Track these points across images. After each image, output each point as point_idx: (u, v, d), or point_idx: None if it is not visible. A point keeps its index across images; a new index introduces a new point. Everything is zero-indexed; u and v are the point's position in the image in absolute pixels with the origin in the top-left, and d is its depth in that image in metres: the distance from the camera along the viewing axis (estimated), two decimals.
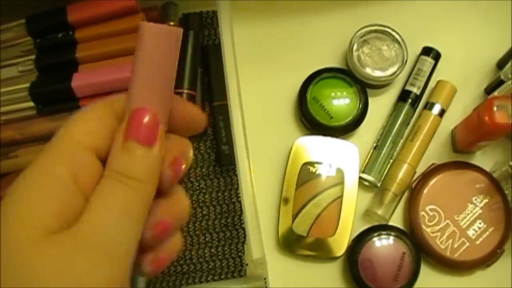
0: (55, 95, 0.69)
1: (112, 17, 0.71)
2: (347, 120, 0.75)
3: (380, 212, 0.72)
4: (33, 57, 0.71)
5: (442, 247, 0.71)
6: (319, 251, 0.72)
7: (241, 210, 0.73)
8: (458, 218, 0.72)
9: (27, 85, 0.69)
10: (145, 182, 0.32)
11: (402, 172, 0.73)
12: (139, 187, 0.32)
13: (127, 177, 0.31)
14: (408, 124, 0.76)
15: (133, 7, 0.71)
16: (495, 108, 0.66)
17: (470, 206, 0.72)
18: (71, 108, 0.68)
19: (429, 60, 0.77)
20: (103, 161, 0.33)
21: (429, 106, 0.76)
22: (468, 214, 0.72)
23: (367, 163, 0.75)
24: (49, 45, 0.72)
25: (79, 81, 0.68)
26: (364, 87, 0.76)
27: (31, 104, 0.69)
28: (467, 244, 0.71)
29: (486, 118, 0.66)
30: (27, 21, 0.71)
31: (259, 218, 0.61)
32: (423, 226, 0.72)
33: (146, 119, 0.33)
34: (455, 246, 0.71)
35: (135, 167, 0.32)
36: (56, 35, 0.71)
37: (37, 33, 0.72)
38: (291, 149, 0.74)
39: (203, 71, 0.76)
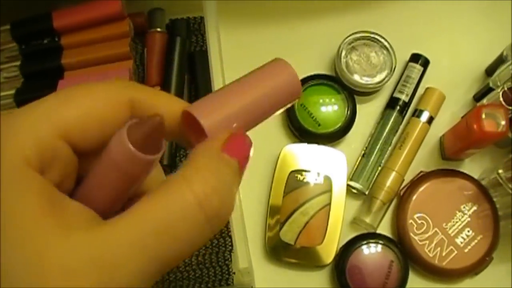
0: None
1: (98, 23, 0.72)
2: (335, 127, 0.76)
3: (368, 220, 0.74)
4: (18, 63, 0.72)
5: (431, 255, 0.73)
6: (306, 259, 0.73)
7: None
8: (447, 226, 0.73)
9: (12, 91, 0.70)
10: (225, 214, 0.28)
11: (390, 180, 0.74)
12: (215, 219, 0.27)
13: (221, 203, 0.27)
14: (397, 131, 0.78)
15: (119, 13, 0.72)
16: (483, 116, 0.67)
17: (459, 214, 0.73)
18: None
19: (418, 67, 0.79)
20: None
21: (417, 113, 0.77)
22: (457, 222, 0.73)
23: (355, 170, 0.76)
24: (35, 51, 0.73)
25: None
26: (352, 94, 0.77)
27: None
28: (456, 252, 0.73)
29: (475, 126, 0.67)
30: (12, 26, 0.73)
31: (247, 226, 0.62)
32: (411, 234, 0.73)
33: (245, 148, 0.30)
34: (444, 254, 0.73)
35: (225, 186, 0.28)
36: (42, 41, 0.73)
37: (22, 39, 0.73)
38: (278, 156, 0.75)
39: (190, 78, 0.77)
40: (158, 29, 0.77)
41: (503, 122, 0.67)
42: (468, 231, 0.73)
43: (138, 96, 0.30)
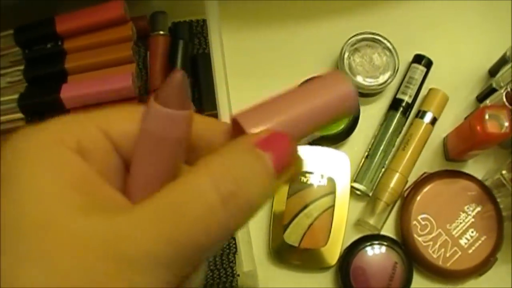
0: (44, 107, 0.70)
1: (101, 27, 0.73)
2: (338, 129, 0.76)
3: (372, 221, 0.74)
4: (21, 67, 0.73)
5: (434, 256, 0.73)
6: (310, 261, 0.74)
7: None
8: (450, 227, 0.73)
9: (16, 96, 0.71)
10: (249, 212, 0.26)
11: (393, 181, 0.75)
12: (238, 214, 0.26)
13: (239, 187, 0.26)
14: (400, 132, 0.78)
15: (122, 16, 0.72)
16: (486, 117, 0.68)
17: (462, 215, 0.74)
18: None
19: (421, 68, 0.79)
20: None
21: (420, 114, 0.77)
22: (460, 223, 0.74)
23: (359, 172, 0.77)
24: (38, 55, 0.73)
25: (68, 92, 0.69)
26: None
27: (20, 115, 0.70)
28: (460, 253, 0.73)
29: (478, 127, 0.68)
30: (15, 31, 0.73)
31: (250, 228, 0.62)
32: (415, 235, 0.73)
33: (287, 148, 0.28)
34: (448, 255, 0.73)
35: (254, 182, 0.26)
36: (45, 45, 0.73)
37: (25, 43, 0.73)
38: None
39: (193, 81, 0.78)
40: (161, 32, 0.78)
41: (506, 124, 0.67)
42: (472, 232, 0.73)
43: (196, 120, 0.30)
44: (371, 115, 0.80)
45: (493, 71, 0.80)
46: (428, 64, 0.80)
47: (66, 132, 0.27)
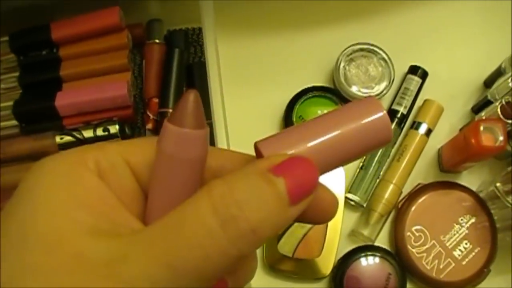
0: (38, 114, 0.70)
1: (97, 35, 0.73)
2: None
3: (366, 232, 0.74)
4: (16, 74, 0.73)
5: (428, 267, 0.73)
6: (304, 271, 0.74)
7: None
8: (444, 239, 0.74)
9: (11, 103, 0.71)
10: (253, 238, 0.25)
11: (388, 193, 0.75)
12: (241, 242, 0.24)
13: (248, 223, 0.24)
14: (395, 143, 0.79)
15: (118, 24, 0.73)
16: (481, 130, 0.68)
17: (456, 227, 0.74)
18: (55, 127, 0.70)
19: (416, 79, 0.79)
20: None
21: (415, 125, 0.78)
22: (454, 234, 0.74)
23: (353, 183, 0.77)
24: (33, 62, 0.73)
25: (63, 100, 0.69)
26: None
27: (15, 122, 0.71)
28: (453, 264, 0.73)
29: (473, 140, 0.68)
30: (10, 38, 0.73)
31: None
32: (409, 247, 0.74)
33: (306, 174, 0.26)
34: (441, 266, 0.73)
35: (262, 208, 0.25)
36: (40, 52, 0.73)
37: (20, 50, 0.73)
38: None
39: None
40: (156, 40, 0.78)
41: (501, 138, 0.67)
42: (466, 244, 0.74)
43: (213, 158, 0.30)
44: None
45: (488, 83, 0.81)
46: (424, 75, 0.80)
47: (87, 153, 0.28)
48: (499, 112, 0.70)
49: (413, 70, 0.80)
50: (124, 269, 0.23)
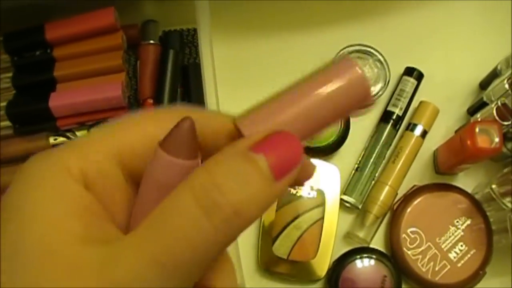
0: (32, 115, 0.70)
1: (91, 35, 0.73)
2: (328, 141, 0.77)
3: (361, 234, 0.74)
4: (10, 75, 0.72)
5: (424, 270, 0.73)
6: (299, 273, 0.74)
7: None
8: (440, 241, 0.74)
9: (4, 103, 0.70)
10: (238, 221, 0.24)
11: (383, 194, 0.75)
12: (226, 226, 0.24)
13: (230, 205, 0.24)
14: (390, 145, 0.78)
15: (113, 25, 0.72)
16: (477, 132, 0.68)
17: (452, 229, 0.74)
18: (49, 128, 0.69)
19: (412, 81, 0.79)
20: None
21: (411, 127, 0.78)
22: (450, 236, 0.74)
23: (349, 184, 0.77)
24: (27, 63, 0.73)
25: (57, 101, 0.69)
26: None
27: (8, 123, 0.70)
28: (449, 266, 0.73)
29: (468, 142, 0.68)
30: (4, 38, 0.73)
31: (239, 241, 0.62)
32: (404, 249, 0.74)
33: (290, 147, 0.26)
34: (437, 268, 0.73)
35: (244, 189, 0.24)
36: (34, 53, 0.73)
37: (14, 50, 0.73)
38: None
39: (183, 90, 0.78)
40: (151, 41, 0.78)
41: (497, 139, 0.67)
42: (462, 246, 0.74)
43: (194, 116, 0.28)
44: (362, 127, 0.80)
45: (484, 85, 0.81)
46: (419, 76, 0.80)
47: (72, 161, 0.27)
48: (495, 114, 0.70)
49: (409, 71, 0.80)
50: (116, 273, 0.23)
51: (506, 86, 0.71)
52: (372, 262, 0.73)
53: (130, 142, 0.28)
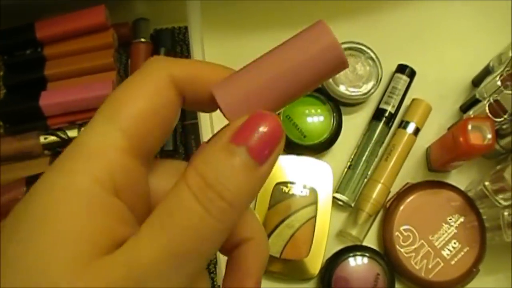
0: (22, 114, 0.70)
1: (82, 34, 0.73)
2: (321, 139, 0.76)
3: (354, 232, 0.74)
4: (0, 73, 0.72)
5: (417, 267, 0.73)
6: (292, 272, 0.73)
7: None
8: (433, 238, 0.74)
9: None
10: (234, 210, 0.26)
11: (376, 192, 0.75)
12: (223, 216, 0.26)
13: (223, 199, 0.26)
14: (383, 143, 0.78)
15: (103, 23, 0.72)
16: (469, 129, 0.68)
17: (445, 226, 0.74)
18: (39, 127, 0.69)
19: (404, 78, 0.79)
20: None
21: (403, 124, 0.78)
22: (443, 234, 0.74)
23: (341, 182, 0.77)
24: (17, 62, 0.73)
25: (48, 99, 0.69)
26: (338, 105, 0.78)
27: None
28: (442, 264, 0.73)
29: (461, 139, 0.68)
30: None
31: None
32: (398, 247, 0.73)
33: (268, 128, 0.27)
34: (430, 266, 0.73)
35: (232, 182, 0.26)
36: (24, 51, 0.73)
37: (4, 49, 0.73)
38: None
39: None
40: (143, 40, 0.78)
41: (489, 136, 0.67)
42: (455, 243, 0.74)
43: (176, 71, 0.30)
44: (354, 125, 0.80)
45: (476, 82, 0.81)
46: (411, 74, 0.80)
47: (98, 170, 0.27)
48: (487, 111, 0.70)
49: (401, 69, 0.80)
50: (140, 274, 0.25)
51: (499, 83, 0.71)
52: (365, 260, 0.73)
53: (137, 125, 0.28)
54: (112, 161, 0.27)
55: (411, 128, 0.77)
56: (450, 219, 0.74)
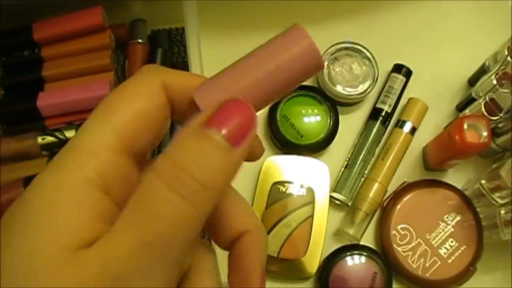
0: (20, 115, 0.70)
1: (79, 35, 0.73)
2: (318, 138, 0.76)
3: (351, 231, 0.74)
4: None
5: (414, 266, 0.73)
6: (289, 271, 0.74)
7: None
8: (430, 237, 0.74)
9: None
10: (208, 192, 0.26)
11: (373, 191, 0.75)
12: (197, 199, 0.25)
13: (195, 180, 0.25)
14: (379, 142, 0.78)
15: (100, 24, 0.72)
16: (465, 127, 0.68)
17: (442, 225, 0.74)
18: (37, 128, 0.69)
19: (400, 78, 0.79)
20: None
21: (400, 124, 0.78)
22: (440, 232, 0.74)
23: (338, 182, 0.77)
24: (15, 63, 0.73)
25: (45, 100, 0.69)
26: (334, 105, 0.78)
27: None
28: (439, 262, 0.73)
29: (457, 137, 0.68)
30: None
31: None
32: (395, 245, 0.74)
33: (242, 113, 0.27)
34: (427, 265, 0.73)
35: (206, 163, 0.26)
36: (22, 52, 0.73)
37: (2, 50, 0.73)
38: (261, 168, 0.76)
39: None
40: (140, 40, 0.78)
41: (485, 133, 0.67)
42: (452, 242, 0.74)
43: (168, 79, 0.30)
44: (351, 124, 0.80)
45: (472, 81, 0.81)
46: (408, 73, 0.80)
47: (87, 167, 0.27)
48: (483, 109, 0.70)
49: (397, 68, 0.80)
50: (116, 267, 0.25)
51: (494, 81, 0.71)
52: (363, 259, 0.73)
53: (129, 125, 0.29)
54: (103, 160, 0.28)
55: (407, 127, 0.78)
56: (447, 218, 0.75)
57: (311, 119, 0.78)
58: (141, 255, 0.25)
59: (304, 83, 0.77)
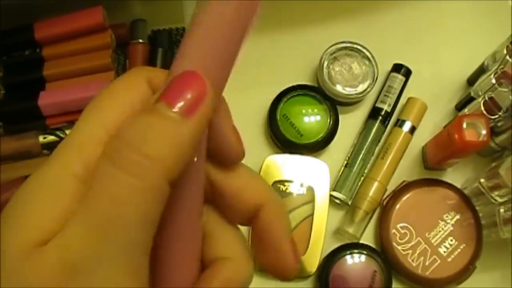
0: (21, 114, 0.70)
1: (80, 34, 0.73)
2: (318, 137, 0.77)
3: (351, 230, 0.74)
4: None
5: (414, 264, 0.73)
6: None
7: None
8: (429, 236, 0.74)
9: None
10: (157, 165, 0.25)
11: (373, 190, 0.75)
12: (143, 172, 0.24)
13: (138, 152, 0.24)
14: (379, 141, 0.79)
15: (101, 24, 0.73)
16: (464, 126, 0.68)
17: (441, 224, 0.74)
18: (38, 127, 0.69)
19: (400, 77, 0.80)
20: None
21: (399, 123, 0.78)
22: (440, 231, 0.74)
23: (338, 181, 0.77)
24: (16, 62, 0.73)
25: (46, 99, 0.69)
26: (334, 104, 0.78)
27: None
28: (439, 261, 0.73)
29: (456, 136, 0.68)
30: None
31: None
32: (394, 244, 0.74)
33: (192, 83, 0.26)
34: (427, 263, 0.73)
35: (152, 136, 0.25)
36: (23, 52, 0.73)
37: (3, 50, 0.73)
38: (261, 167, 0.76)
39: None
40: (140, 40, 0.78)
41: (484, 132, 0.68)
42: (451, 240, 0.74)
43: (152, 75, 0.30)
44: (350, 124, 0.80)
45: (471, 80, 0.81)
46: (407, 73, 0.80)
47: (73, 161, 0.27)
48: (482, 108, 0.71)
49: (397, 68, 0.81)
50: (72, 256, 0.24)
51: (493, 80, 0.72)
52: (362, 258, 0.73)
53: (117, 119, 0.28)
54: (90, 153, 0.27)
55: (407, 126, 0.78)
56: (446, 217, 0.75)
57: (311, 119, 0.78)
58: (95, 240, 0.24)
59: (304, 83, 0.78)
